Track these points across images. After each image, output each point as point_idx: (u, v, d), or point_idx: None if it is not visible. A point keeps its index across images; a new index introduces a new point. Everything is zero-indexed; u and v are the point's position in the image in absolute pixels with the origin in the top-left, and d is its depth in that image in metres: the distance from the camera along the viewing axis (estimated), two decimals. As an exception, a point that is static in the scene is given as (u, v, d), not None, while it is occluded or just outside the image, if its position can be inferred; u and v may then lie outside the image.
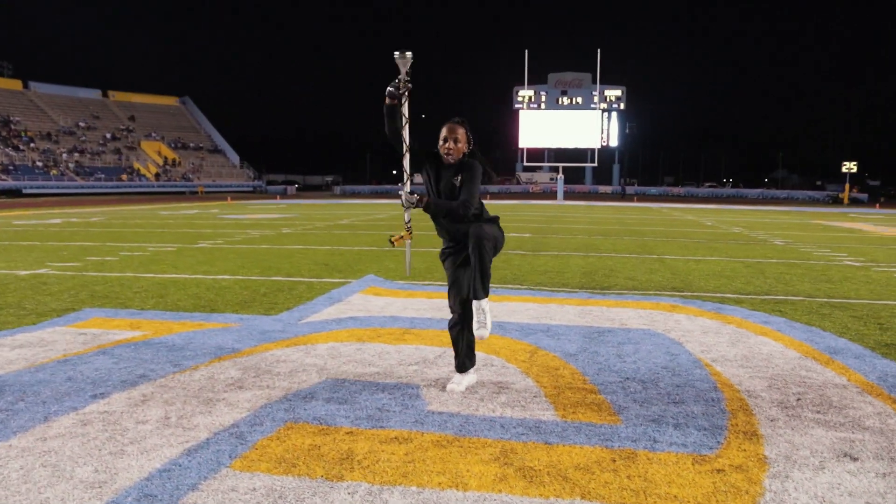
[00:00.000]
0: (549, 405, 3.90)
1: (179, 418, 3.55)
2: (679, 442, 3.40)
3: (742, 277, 9.33)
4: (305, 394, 3.98)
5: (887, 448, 3.39)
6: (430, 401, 3.92)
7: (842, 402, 4.07)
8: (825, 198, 62.79)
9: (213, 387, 4.08)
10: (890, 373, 4.74)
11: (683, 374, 4.58)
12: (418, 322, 5.99)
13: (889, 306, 7.39)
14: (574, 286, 8.25)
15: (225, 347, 5.02)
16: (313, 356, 4.81)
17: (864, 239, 17.35)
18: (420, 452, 3.17)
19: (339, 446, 3.22)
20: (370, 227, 18.24)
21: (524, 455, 3.18)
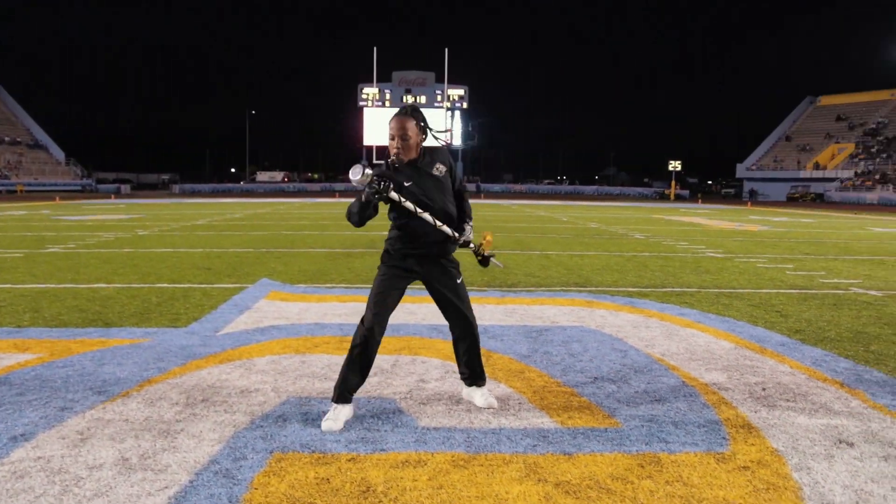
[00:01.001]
0: (540, 411, 3.72)
1: (142, 458, 2.99)
2: (688, 441, 3.33)
3: (631, 271, 9.67)
4: (275, 417, 3.53)
5: (869, 431, 3.51)
6: (416, 415, 3.61)
7: (801, 390, 4.22)
8: (653, 194, 67.81)
9: (162, 416, 3.51)
10: (819, 358, 5.00)
11: (646, 370, 4.57)
12: (349, 329, 5.59)
13: (774, 294, 7.92)
14: (480, 284, 8.14)
15: (148, 368, 4.38)
16: (257, 373, 4.32)
17: (708, 231, 18.78)
18: (443, 476, 2.87)
19: (350, 476, 2.84)
20: (231, 228, 17.21)
21: (551, 468, 2.97)
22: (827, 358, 5.02)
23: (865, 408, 3.90)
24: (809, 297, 7.76)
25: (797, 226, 22.76)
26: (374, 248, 12.43)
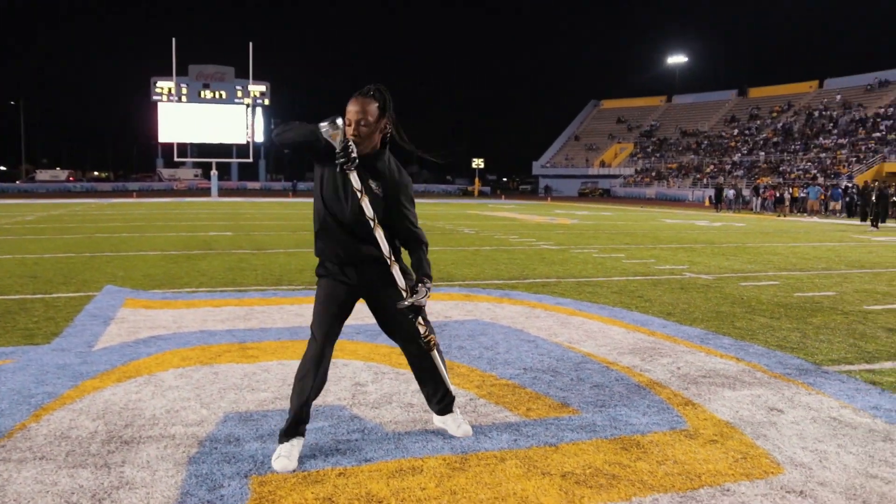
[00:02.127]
0: (496, 406, 3.67)
1: (96, 500, 2.53)
2: (650, 422, 3.46)
3: (484, 265, 9.90)
4: (224, 437, 3.15)
5: (787, 398, 3.87)
6: (380, 422, 3.41)
7: (709, 367, 4.55)
8: (457, 191, 70.25)
9: (86, 448, 3.00)
10: (703, 336, 5.44)
11: (566, 359, 4.69)
12: (242, 334, 5.18)
13: (626, 281, 8.51)
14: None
15: (33, 394, 3.74)
16: (171, 389, 3.84)
17: (528, 225, 19.80)
18: (450, 481, 2.73)
19: (353, 492, 2.61)
20: (31, 232, 15.25)
21: (546, 461, 2.94)
22: (709, 336, 5.45)
23: (769, 378, 4.28)
24: (656, 282, 8.41)
25: (601, 218, 24.69)
26: (211, 248, 11.64)
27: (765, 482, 2.78)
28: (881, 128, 50.13)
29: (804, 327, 5.83)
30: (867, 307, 6.87)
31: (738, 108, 68.36)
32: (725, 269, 9.91)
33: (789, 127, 59.03)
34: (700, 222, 23.50)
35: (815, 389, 4.05)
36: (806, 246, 14.42)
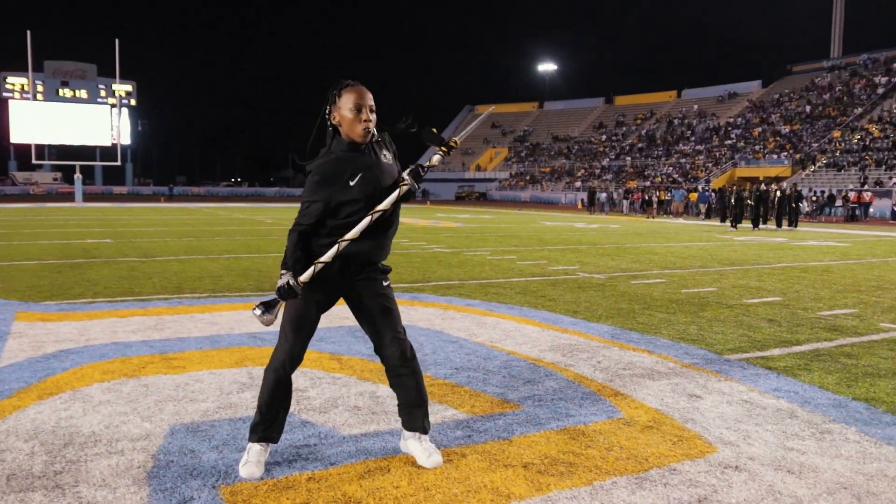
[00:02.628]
0: (441, 405, 3.79)
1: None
2: (588, 412, 3.69)
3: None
4: (177, 450, 3.08)
5: (701, 385, 4.23)
6: (332, 426, 3.43)
7: (624, 359, 4.87)
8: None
9: (28, 470, 2.84)
10: (613, 332, 5.80)
11: (494, 358, 4.86)
12: (160, 345, 5.00)
13: (525, 282, 8.85)
14: (247, 289, 7.77)
15: (-54, 416, 3.47)
16: (102, 404, 3.68)
17: (416, 228, 20.01)
18: (421, 478, 2.82)
19: (330, 496, 2.64)
20: None
21: (504, 454, 3.08)
22: (618, 331, 5.81)
23: (681, 368, 4.64)
24: (554, 282, 8.80)
25: (483, 221, 25.31)
26: (94, 257, 11.01)
27: (704, 461, 3.05)
28: (732, 136, 54.36)
29: (698, 321, 6.32)
30: (746, 301, 7.51)
31: (605, 115, 71.97)
32: (614, 268, 10.49)
33: (652, 133, 62.79)
34: (578, 224, 24.60)
35: (723, 376, 4.43)
36: (679, 246, 15.47)
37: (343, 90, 2.77)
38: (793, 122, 51.56)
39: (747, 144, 51.42)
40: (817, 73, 57.90)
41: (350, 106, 2.73)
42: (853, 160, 41.45)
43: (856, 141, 43.69)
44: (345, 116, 2.75)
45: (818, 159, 43.96)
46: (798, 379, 4.40)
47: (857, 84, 52.14)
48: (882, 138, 42.49)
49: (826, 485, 2.83)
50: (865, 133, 44.09)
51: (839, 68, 56.56)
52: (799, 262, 12.13)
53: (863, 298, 7.84)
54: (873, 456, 3.15)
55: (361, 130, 2.75)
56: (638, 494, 2.70)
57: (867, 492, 2.77)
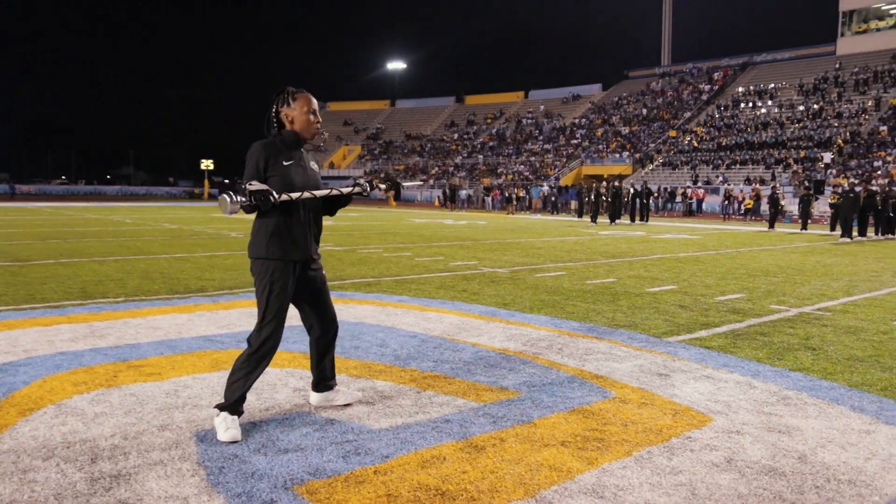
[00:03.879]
0: (446, 395, 3.93)
1: None
2: (585, 395, 3.98)
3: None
4: (220, 456, 3.03)
5: (661, 364, 4.66)
6: (359, 421, 3.49)
7: (580, 345, 5.23)
8: (182, 193, 66.25)
9: (75, 488, 2.70)
10: (552, 321, 6.16)
11: (462, 350, 5.05)
12: (114, 353, 4.74)
13: (437, 277, 9.09)
14: (161, 292, 7.45)
15: (-70, 439, 3.17)
16: (99, 415, 3.49)
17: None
18: (479, 463, 2.97)
19: (407, 485, 2.74)
20: None
21: (537, 436, 3.29)
22: (558, 321, 6.18)
23: (635, 351, 5.07)
24: (465, 277, 9.10)
25: (354, 219, 25.27)
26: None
27: (708, 428, 3.42)
28: (577, 135, 57.55)
29: (620, 309, 6.84)
30: (649, 290, 8.19)
31: (456, 114, 73.66)
32: (510, 262, 10.96)
33: (502, 133, 65.11)
34: (447, 221, 25.16)
35: (674, 356, 4.89)
36: (554, 240, 16.34)
37: (297, 95, 3.29)
38: (631, 123, 55.44)
39: (591, 144, 54.67)
40: (651, 78, 62.59)
41: (305, 109, 3.27)
42: (685, 160, 45.29)
43: (686, 142, 47.76)
44: (298, 117, 3.28)
45: (655, 158, 47.62)
46: (737, 355, 4.95)
47: (685, 90, 56.95)
48: (708, 140, 46.74)
49: (815, 440, 3.28)
50: (695, 135, 48.30)
51: (669, 75, 61.51)
52: (670, 253, 13.24)
53: (743, 284, 8.77)
54: (834, 415, 3.67)
55: (314, 130, 3.33)
56: (675, 460, 3.01)
57: (847, 443, 3.25)
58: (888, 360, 4.88)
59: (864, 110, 42.25)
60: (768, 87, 50.51)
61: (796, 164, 38.75)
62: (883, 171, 34.14)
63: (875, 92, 43.99)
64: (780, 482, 2.82)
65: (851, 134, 39.78)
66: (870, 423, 3.56)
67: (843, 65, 48.76)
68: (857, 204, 17.89)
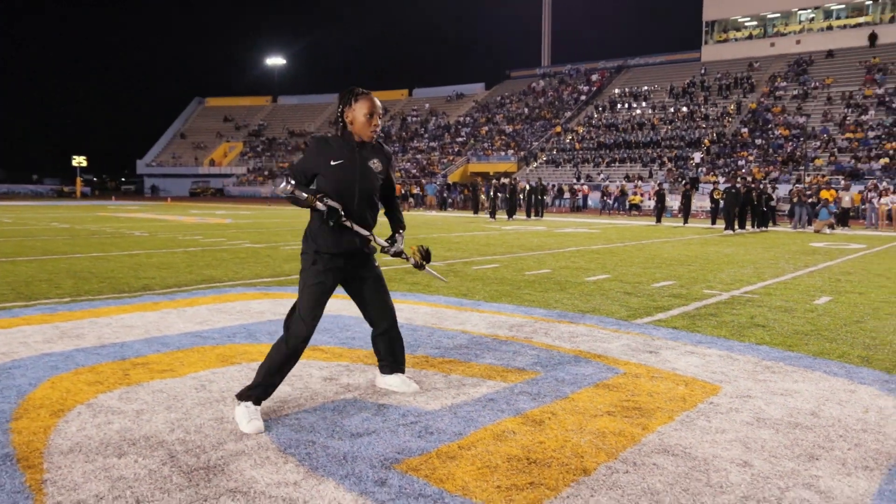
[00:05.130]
0: (474, 378, 4.10)
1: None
2: (596, 371, 4.27)
3: (226, 265, 9.64)
4: (302, 443, 3.07)
5: (645, 343, 5.04)
6: (410, 404, 3.61)
7: (560, 329, 5.54)
8: (50, 192, 61.89)
9: (170, 484, 2.70)
10: (517, 309, 6.45)
11: (455, 337, 5.22)
12: (107, 352, 4.55)
13: (386, 271, 9.18)
14: (105, 291, 7.15)
15: (-25, 443, 3.02)
16: (142, 413, 3.41)
17: (192, 225, 18.99)
18: (546, 433, 3.18)
19: (499, 457, 2.92)
20: None
21: (580, 407, 3.54)
22: (525, 308, 6.47)
23: (613, 333, 5.43)
24: (407, 270, 9.24)
25: (251, 217, 24.69)
26: None
27: (723, 394, 3.79)
28: (462, 134, 58.59)
29: (572, 296, 7.23)
30: (588, 279, 8.66)
31: (341, 112, 72.92)
32: (439, 256, 11.19)
33: (388, 130, 65.18)
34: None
35: (651, 336, 5.30)
36: (466, 235, 16.73)
37: (359, 97, 3.36)
38: (514, 122, 57.10)
39: (477, 142, 55.84)
40: (532, 78, 64.67)
41: (365, 112, 3.33)
42: (568, 157, 47.22)
43: (568, 141, 49.79)
44: (357, 118, 3.34)
45: (539, 156, 49.33)
46: (704, 333, 5.41)
47: (565, 90, 59.30)
48: (589, 139, 48.96)
49: (814, 400, 3.73)
50: (576, 134, 50.43)
51: (549, 76, 63.81)
52: (583, 246, 13.93)
53: (668, 273, 9.44)
54: (816, 379, 4.15)
55: (371, 133, 3.37)
56: (714, 421, 3.35)
57: (840, 401, 3.72)
58: (828, 334, 5.50)
59: (727, 113, 45.64)
60: (642, 90, 53.51)
61: (670, 163, 41.33)
62: (746, 170, 37.09)
63: (736, 97, 47.66)
64: (810, 434, 3.21)
65: (717, 135, 42.91)
66: (848, 385, 4.06)
67: (708, 70, 52.45)
68: (738, 199, 19.45)
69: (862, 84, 43.43)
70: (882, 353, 4.88)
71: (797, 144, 39.03)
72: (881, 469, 2.83)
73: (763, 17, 53.82)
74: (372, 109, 3.34)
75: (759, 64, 50.76)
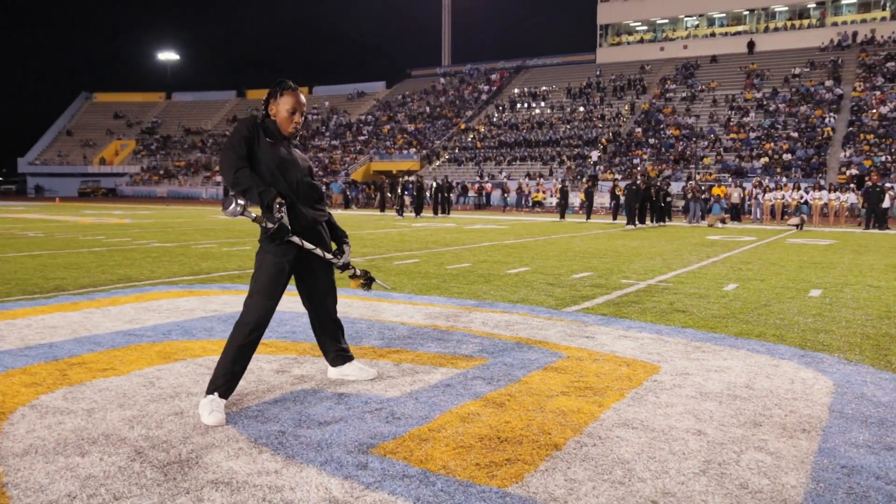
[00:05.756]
0: (426, 365, 4.17)
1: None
2: (541, 356, 4.42)
3: (153, 264, 9.29)
4: (273, 433, 3.06)
5: (579, 329, 5.26)
6: (371, 393, 3.64)
7: (495, 319, 5.69)
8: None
9: (136, 476, 2.63)
10: (449, 301, 6.57)
11: (394, 328, 5.27)
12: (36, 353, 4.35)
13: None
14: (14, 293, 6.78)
15: None
16: (93, 411, 3.30)
17: (93, 226, 18.09)
18: (511, 413, 3.29)
19: (471, 436, 3.00)
20: None
21: (538, 389, 3.67)
22: (453, 300, 6.59)
23: (545, 321, 5.62)
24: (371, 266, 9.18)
25: (149, 216, 23.72)
26: None
27: (664, 373, 4.03)
28: (364, 132, 58.32)
29: (498, 288, 7.41)
30: (510, 272, 8.89)
31: (238, 108, 71.08)
32: (360, 253, 11.17)
33: (289, 128, 63.97)
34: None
35: (583, 323, 5.52)
36: (378, 232, 16.73)
37: (285, 91, 3.32)
38: (416, 120, 57.33)
39: (379, 140, 55.72)
40: (433, 77, 65.12)
41: (288, 107, 3.30)
42: (470, 156, 47.87)
43: (470, 139, 50.48)
44: (280, 112, 3.31)
45: (441, 155, 49.76)
46: (631, 319, 5.69)
47: (466, 89, 60.05)
48: (490, 137, 49.82)
49: (745, 374, 4.02)
50: (477, 133, 51.20)
51: (450, 75, 64.46)
52: (496, 241, 14.22)
53: (584, 265, 9.80)
54: (742, 356, 4.47)
55: (292, 129, 3.34)
56: (662, 397, 3.56)
57: (767, 374, 4.03)
58: (743, 316, 5.90)
59: (621, 113, 47.56)
60: (540, 90, 54.94)
61: (569, 161, 42.67)
62: (641, 168, 38.80)
63: (630, 98, 49.72)
64: (749, 404, 3.47)
65: (613, 134, 44.67)
66: (771, 360, 4.39)
67: (603, 72, 54.46)
68: (639, 195, 20.36)
69: (743, 88, 46.28)
70: (792, 332, 5.28)
71: (687, 144, 41.15)
72: (816, 431, 3.10)
73: (653, 23, 56.41)
74: (295, 106, 3.31)
75: (651, 67, 53.16)
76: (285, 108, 3.30)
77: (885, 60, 43.63)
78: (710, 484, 2.53)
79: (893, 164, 33.55)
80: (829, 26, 50.02)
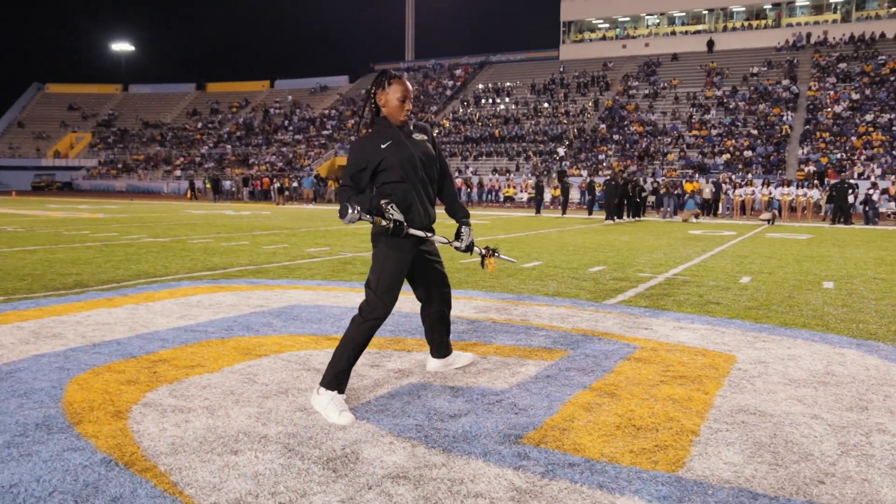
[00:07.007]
0: (510, 358, 4.23)
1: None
2: (615, 348, 4.52)
3: (147, 259, 9.13)
4: (410, 427, 3.08)
5: (635, 321, 5.38)
6: (477, 383, 3.69)
7: (545, 311, 5.78)
8: None
9: (299, 474, 2.64)
10: (483, 294, 6.63)
11: (455, 321, 5.32)
12: (121, 348, 4.28)
13: (304, 264, 9.05)
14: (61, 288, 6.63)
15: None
16: (213, 409, 3.29)
17: (66, 220, 17.62)
18: (629, 404, 3.38)
19: (602, 428, 3.08)
20: None
21: (635, 378, 3.77)
22: (489, 293, 6.65)
23: (596, 314, 5.73)
24: (344, 261, 9.17)
25: (120, 211, 23.19)
26: None
27: (743, 361, 4.16)
28: (328, 126, 57.81)
29: (524, 282, 7.50)
30: (525, 266, 8.96)
31: (198, 102, 69.77)
32: (347, 247, 11.14)
33: (250, 122, 63.13)
34: (228, 212, 24.12)
35: (633, 315, 5.64)
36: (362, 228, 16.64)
37: (393, 80, 3.37)
38: (382, 116, 56.93)
39: (343, 135, 55.30)
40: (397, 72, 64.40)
41: (398, 96, 3.34)
42: (438, 151, 47.79)
43: (435, 134, 50.39)
44: (391, 102, 3.35)
45: (409, 150, 49.57)
46: (674, 311, 5.83)
47: (430, 85, 59.99)
48: (455, 133, 49.91)
49: (818, 362, 4.18)
50: (442, 128, 51.23)
51: (414, 70, 64.26)
52: (490, 236, 14.32)
53: (594, 259, 9.96)
54: (803, 345, 4.64)
55: (404, 117, 3.37)
56: (756, 385, 3.68)
57: (840, 362, 4.19)
58: (776, 307, 6.09)
59: (585, 110, 48.12)
60: (505, 86, 55.21)
61: (535, 157, 43.02)
62: (607, 163, 39.35)
63: (594, 94, 50.32)
64: (843, 389, 3.62)
65: (578, 130, 45.17)
66: (831, 349, 4.56)
67: (567, 69, 54.99)
68: (617, 191, 20.69)
69: (703, 86, 47.26)
70: (834, 321, 5.48)
71: (651, 140, 41.87)
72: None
73: (615, 20, 57.15)
74: (405, 93, 3.35)
75: (613, 64, 53.87)
76: (395, 96, 3.33)
77: (837, 62, 45.05)
78: (861, 465, 2.65)
79: (849, 161, 34.71)
80: (784, 27, 51.36)
